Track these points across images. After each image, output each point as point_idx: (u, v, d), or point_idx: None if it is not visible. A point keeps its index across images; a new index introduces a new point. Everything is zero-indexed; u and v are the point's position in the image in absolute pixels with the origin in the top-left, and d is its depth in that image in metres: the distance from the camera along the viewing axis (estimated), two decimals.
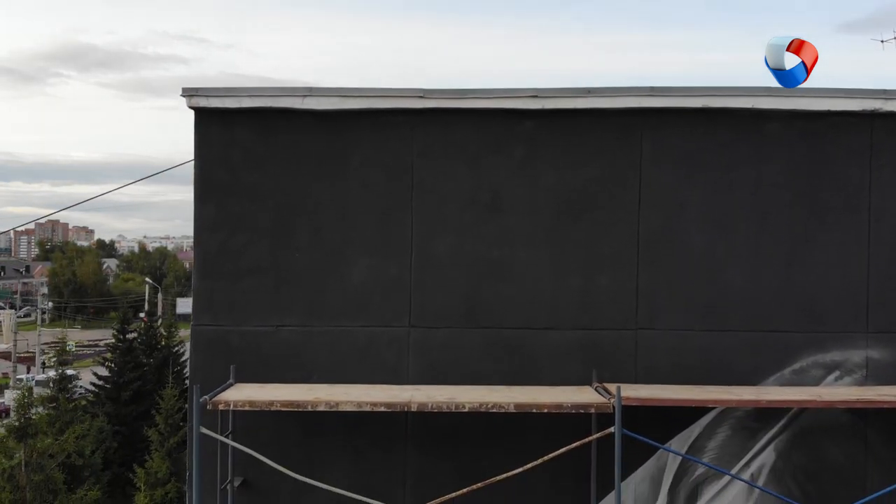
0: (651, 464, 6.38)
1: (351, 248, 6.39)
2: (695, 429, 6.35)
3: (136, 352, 37.69)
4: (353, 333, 6.40)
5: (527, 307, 6.39)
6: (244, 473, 6.39)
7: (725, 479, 6.34)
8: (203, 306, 6.38)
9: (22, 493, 19.25)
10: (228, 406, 5.52)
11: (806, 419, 6.34)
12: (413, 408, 5.55)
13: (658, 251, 6.36)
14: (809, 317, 6.34)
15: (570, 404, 5.54)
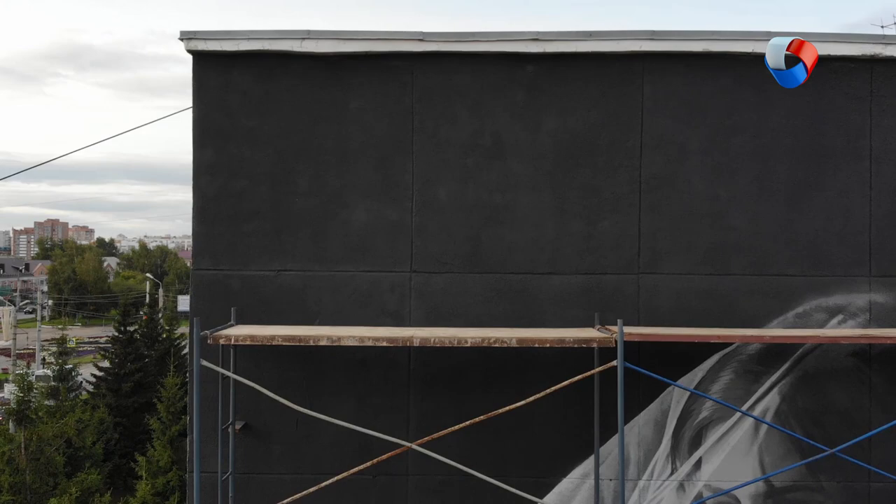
0: (654, 407, 6.36)
1: (351, 193, 6.36)
2: (698, 372, 6.33)
3: (138, 343, 37.67)
4: (354, 278, 6.38)
5: (529, 252, 6.36)
6: (246, 417, 6.37)
7: (729, 422, 6.32)
8: (203, 250, 6.36)
9: (22, 476, 19.22)
10: (230, 341, 5.50)
11: (810, 363, 6.32)
12: (415, 343, 5.53)
13: (660, 196, 6.34)
14: (812, 261, 6.32)
15: (573, 339, 5.52)
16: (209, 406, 6.20)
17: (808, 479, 6.30)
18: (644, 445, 6.35)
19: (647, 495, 6.36)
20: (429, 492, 6.39)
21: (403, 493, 6.39)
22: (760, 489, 6.31)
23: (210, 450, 6.23)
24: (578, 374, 6.26)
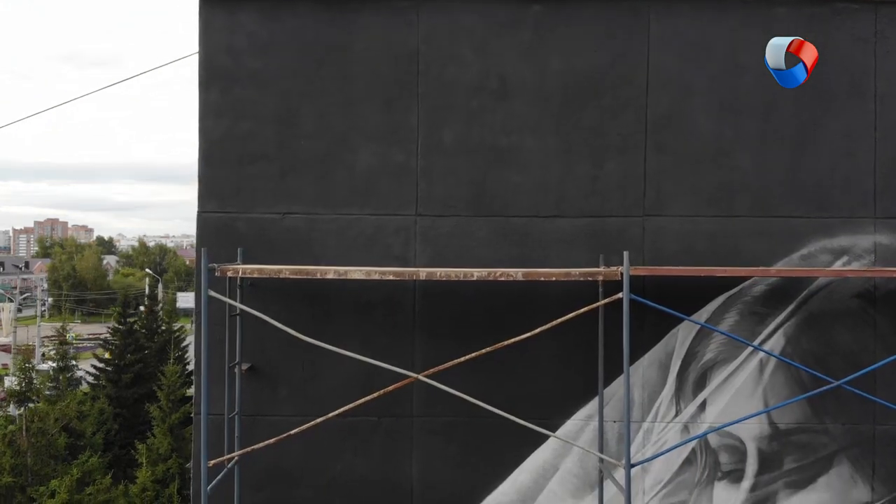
0: (658, 349, 6.36)
1: (356, 136, 6.36)
2: (702, 314, 6.33)
3: (137, 335, 37.63)
4: (359, 221, 6.38)
5: (534, 195, 6.36)
6: (252, 359, 6.37)
7: (734, 364, 6.32)
8: (208, 193, 6.36)
9: (23, 457, 19.20)
10: (237, 273, 5.50)
11: (815, 304, 6.32)
12: (422, 276, 5.54)
13: (666, 137, 6.34)
14: (817, 202, 6.32)
15: (579, 272, 5.53)
16: (216, 349, 6.20)
17: (812, 420, 6.31)
18: (648, 387, 6.35)
19: (651, 437, 6.36)
20: (433, 433, 6.39)
21: (408, 434, 6.40)
22: (765, 431, 6.32)
23: (217, 392, 6.23)
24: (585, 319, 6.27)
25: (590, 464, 6.35)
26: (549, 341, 6.36)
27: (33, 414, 19.46)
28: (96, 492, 19.55)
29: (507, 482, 6.36)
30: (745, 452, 6.30)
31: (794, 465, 6.29)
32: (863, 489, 6.29)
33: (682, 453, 6.35)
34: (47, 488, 18.60)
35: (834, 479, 6.29)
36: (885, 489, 6.29)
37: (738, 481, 6.30)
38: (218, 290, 6.15)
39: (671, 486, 6.32)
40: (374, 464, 6.38)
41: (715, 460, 6.31)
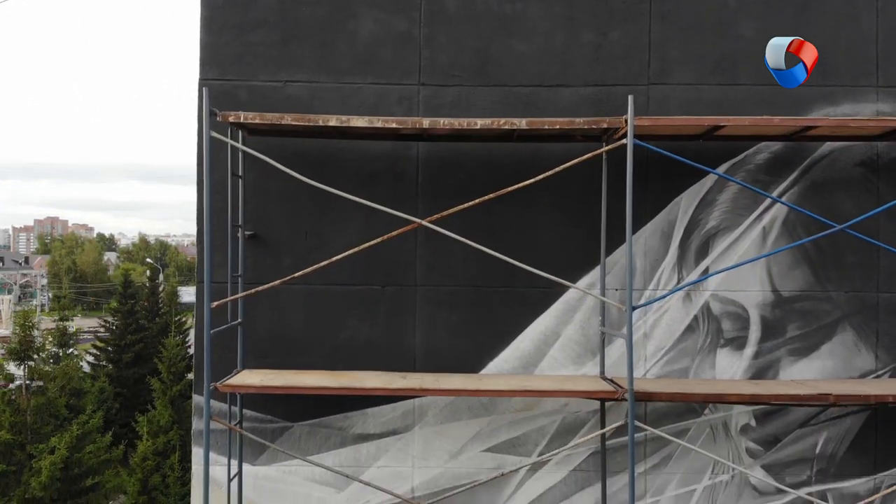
0: (661, 218, 6.35)
1: (359, 2, 6.35)
2: (706, 182, 6.33)
3: (138, 315, 37.63)
4: (361, 90, 6.37)
5: (538, 63, 6.35)
6: (255, 228, 6.37)
7: (737, 231, 6.32)
8: (210, 61, 6.34)
9: (22, 416, 19.19)
10: (239, 118, 5.49)
11: (817, 173, 6.32)
12: (425, 124, 5.52)
13: (670, 5, 6.33)
14: (820, 70, 6.26)
15: (583, 121, 5.51)
16: (217, 218, 6.19)
17: (815, 288, 6.29)
18: (650, 256, 6.34)
19: (653, 305, 6.34)
20: (436, 303, 6.38)
21: (412, 303, 6.38)
22: (768, 299, 6.31)
23: (219, 259, 6.23)
24: (587, 188, 6.28)
25: (591, 330, 6.34)
26: (551, 211, 6.39)
27: (33, 372, 19.44)
28: (96, 450, 19.55)
29: (509, 349, 6.35)
30: (748, 320, 6.29)
31: (796, 333, 6.28)
32: (866, 357, 6.28)
33: (685, 320, 6.33)
34: (47, 445, 18.59)
35: (837, 347, 6.28)
36: (889, 357, 6.28)
37: (740, 348, 6.28)
38: (220, 158, 6.16)
39: (673, 352, 6.31)
40: (378, 331, 6.37)
41: (717, 327, 6.30)
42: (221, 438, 6.33)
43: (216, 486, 6.25)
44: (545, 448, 6.37)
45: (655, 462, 6.35)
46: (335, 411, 6.39)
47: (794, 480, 6.31)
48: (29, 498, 18.35)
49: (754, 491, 6.32)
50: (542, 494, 6.36)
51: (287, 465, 6.40)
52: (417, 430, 6.40)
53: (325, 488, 6.37)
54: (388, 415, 6.41)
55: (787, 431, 6.31)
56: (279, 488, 6.39)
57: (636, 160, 5.47)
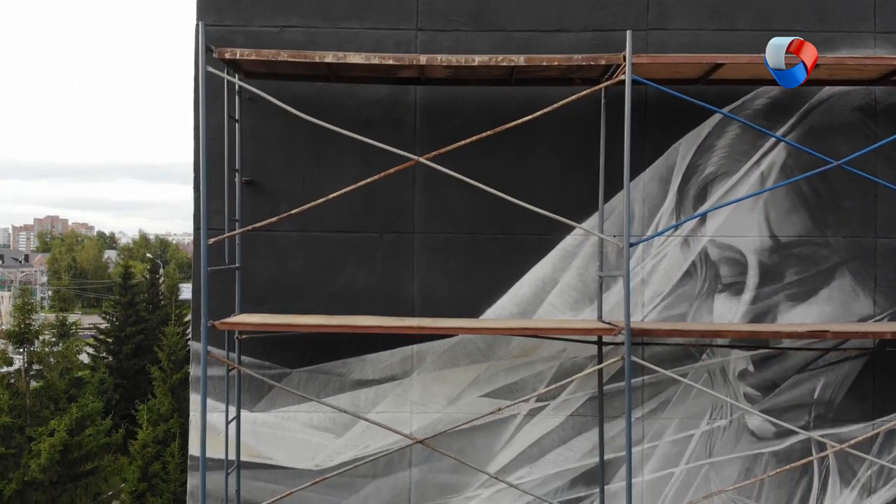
0: (660, 164, 6.34)
1: None
2: (704, 128, 6.32)
3: (139, 307, 37.64)
4: (358, 35, 6.36)
5: (536, 8, 6.34)
6: (252, 175, 6.37)
7: (735, 177, 6.31)
8: (207, 6, 6.33)
9: (22, 399, 19.18)
10: (235, 55, 5.49)
11: (815, 118, 6.32)
12: (422, 61, 5.52)
13: None
14: (818, 15, 6.30)
15: (581, 57, 5.51)
16: (214, 164, 6.17)
17: (813, 233, 6.29)
18: (649, 202, 6.34)
19: (651, 251, 6.35)
20: (434, 250, 6.38)
21: (409, 249, 6.38)
22: (766, 244, 6.31)
23: (216, 206, 6.22)
24: (585, 134, 6.29)
25: (589, 277, 6.34)
26: (549, 157, 6.39)
27: (33, 355, 19.45)
28: (96, 433, 19.55)
29: (507, 296, 6.35)
30: (746, 265, 6.29)
31: (794, 278, 6.28)
32: (864, 302, 6.28)
33: (682, 266, 6.33)
34: (46, 428, 18.58)
35: (835, 292, 6.28)
36: (887, 302, 6.28)
37: (738, 294, 6.28)
38: (216, 104, 6.15)
39: (671, 298, 6.31)
40: (376, 278, 6.37)
41: (715, 273, 6.30)
42: (219, 385, 6.33)
43: (214, 432, 6.26)
44: (542, 393, 6.37)
45: (653, 407, 6.35)
46: (333, 357, 6.39)
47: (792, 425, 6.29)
48: (28, 480, 18.35)
49: (752, 436, 6.32)
50: (539, 439, 6.37)
51: (286, 412, 6.40)
52: (416, 376, 6.40)
53: (324, 434, 6.37)
54: (386, 361, 6.41)
55: (785, 377, 6.31)
56: (277, 434, 6.39)
57: (634, 106, 5.46)
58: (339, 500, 6.38)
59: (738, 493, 6.33)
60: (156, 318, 37.63)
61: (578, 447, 6.36)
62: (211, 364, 6.17)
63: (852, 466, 6.33)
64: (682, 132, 6.32)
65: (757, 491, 6.34)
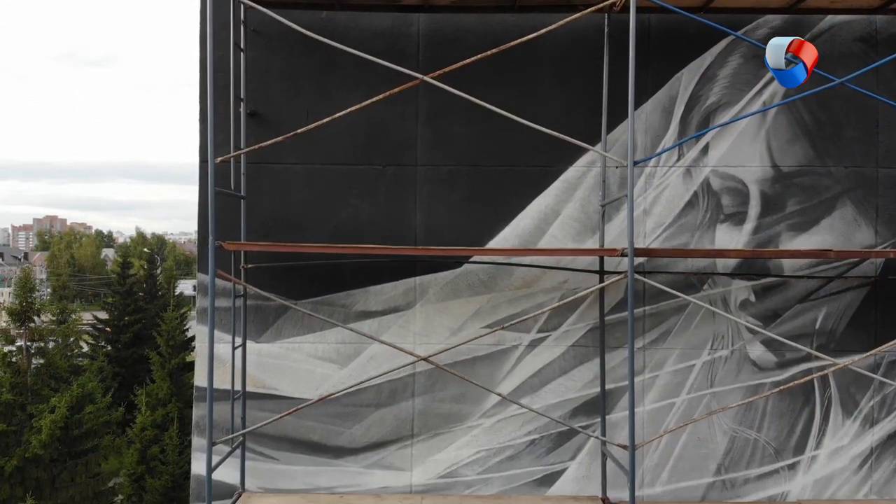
0: (662, 94, 6.37)
1: None
2: (706, 57, 6.35)
3: (137, 296, 37.64)
4: None
5: None
6: (256, 107, 6.39)
7: (736, 108, 6.34)
8: None
9: (23, 377, 19.20)
10: None
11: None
12: None
13: None
14: None
15: None
16: (219, 96, 6.18)
17: (815, 163, 6.32)
18: (651, 132, 6.36)
19: (654, 181, 6.38)
20: (437, 181, 6.41)
21: (412, 182, 6.41)
22: (768, 174, 6.33)
23: (222, 138, 6.23)
24: (588, 69, 6.30)
25: (591, 208, 6.37)
26: (551, 87, 6.41)
27: (34, 333, 19.46)
28: (96, 410, 19.58)
29: (509, 228, 6.37)
30: (748, 195, 6.32)
31: (796, 208, 6.31)
32: (866, 232, 6.31)
33: (685, 196, 6.36)
34: (47, 405, 18.60)
35: (837, 222, 6.31)
36: (889, 232, 6.31)
37: (740, 224, 6.31)
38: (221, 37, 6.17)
39: (673, 228, 6.34)
40: (379, 211, 6.40)
41: (717, 203, 6.33)
42: (225, 317, 6.37)
43: (219, 363, 6.28)
44: (544, 325, 6.40)
45: (654, 338, 6.38)
46: (337, 289, 6.42)
47: (793, 356, 6.34)
48: (29, 457, 18.36)
49: (754, 366, 6.35)
50: (541, 369, 6.39)
51: (290, 343, 6.43)
52: (418, 308, 6.43)
53: (328, 364, 6.39)
54: (389, 293, 6.43)
55: (787, 307, 6.34)
56: (282, 365, 6.41)
57: (636, 35, 5.43)
58: (343, 430, 6.41)
59: (738, 423, 6.36)
60: (154, 308, 37.62)
61: (579, 377, 6.39)
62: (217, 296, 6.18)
63: (854, 397, 6.36)
64: (685, 62, 6.35)
65: (758, 422, 6.36)
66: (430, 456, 6.38)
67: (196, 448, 6.36)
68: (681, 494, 6.32)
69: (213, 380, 5.43)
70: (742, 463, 6.34)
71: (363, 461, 6.40)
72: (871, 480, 6.33)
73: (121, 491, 22.49)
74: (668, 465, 6.35)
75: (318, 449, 6.40)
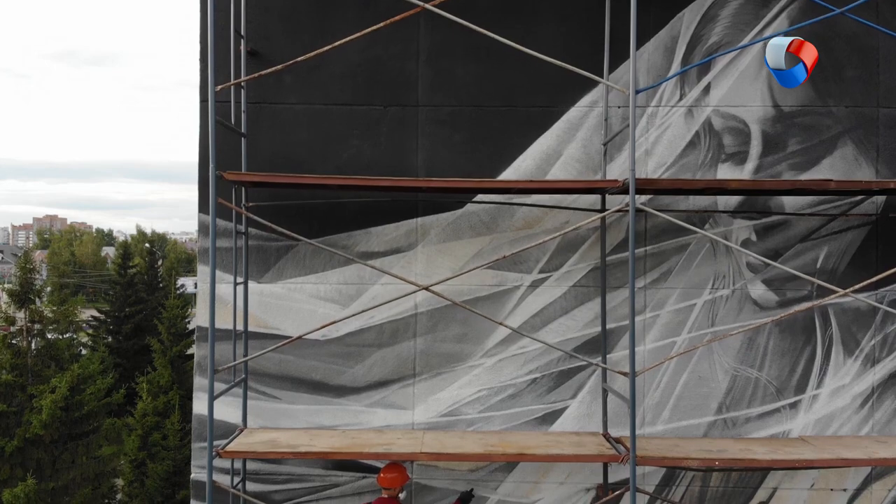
0: (664, 34, 6.37)
1: None
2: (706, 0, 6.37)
3: (137, 287, 37.65)
4: None
5: None
6: (256, 46, 6.39)
7: (738, 47, 6.34)
8: None
9: (23, 358, 19.17)
10: None
11: None
12: None
13: None
14: None
15: None
16: (220, 35, 6.18)
17: (816, 102, 6.33)
18: (654, 71, 6.37)
19: (656, 121, 6.38)
20: (438, 122, 6.41)
21: (414, 122, 6.42)
22: (769, 114, 6.34)
23: (222, 78, 6.23)
24: (589, 7, 6.31)
25: (593, 149, 6.38)
26: (553, 28, 6.42)
27: (34, 313, 19.43)
28: (97, 391, 19.55)
29: (511, 168, 6.38)
30: (749, 134, 6.33)
31: (797, 147, 6.31)
32: (867, 171, 6.32)
33: (686, 136, 6.37)
34: (48, 386, 18.57)
35: (837, 161, 6.31)
36: (890, 171, 6.31)
37: (741, 163, 6.32)
38: None
39: (675, 168, 6.34)
40: (381, 151, 6.40)
41: (719, 142, 6.33)
42: (227, 257, 6.37)
43: (221, 303, 6.29)
44: (545, 265, 6.41)
45: (655, 277, 6.38)
46: (339, 230, 6.42)
47: (794, 295, 6.35)
48: (30, 437, 18.32)
49: (755, 305, 6.35)
50: (542, 309, 6.40)
51: (293, 283, 6.44)
52: (420, 249, 6.44)
53: (330, 305, 6.40)
54: (391, 233, 6.44)
55: (788, 246, 6.35)
56: (284, 305, 6.42)
57: None
58: (345, 369, 6.41)
59: (740, 363, 6.37)
60: (155, 299, 37.64)
61: (580, 317, 6.39)
62: (218, 237, 6.20)
63: (855, 336, 6.36)
64: (686, 1, 6.36)
65: (759, 361, 6.37)
66: (431, 395, 6.39)
67: (198, 388, 6.36)
68: (682, 433, 6.33)
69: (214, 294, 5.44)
70: (743, 402, 6.35)
71: (365, 400, 6.40)
72: (873, 420, 6.34)
73: (121, 476, 22.48)
74: (669, 403, 6.36)
75: (321, 388, 6.40)
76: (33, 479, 17.88)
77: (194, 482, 6.40)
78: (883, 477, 6.38)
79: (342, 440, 5.84)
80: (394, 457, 5.54)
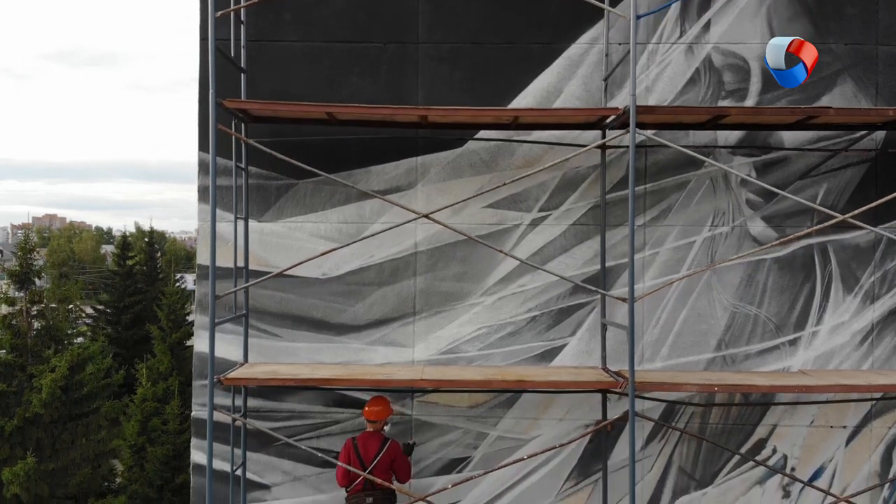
0: None
1: None
2: None
3: (137, 278, 37.63)
4: None
5: None
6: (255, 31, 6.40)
7: None
8: None
9: (23, 339, 19.15)
10: None
11: None
12: None
13: None
14: None
15: None
16: None
17: (815, 40, 6.32)
18: (655, 5, 6.36)
19: (656, 58, 6.39)
20: (438, 59, 6.42)
21: (414, 60, 6.42)
22: None
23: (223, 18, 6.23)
24: None
25: (593, 86, 6.39)
26: None
27: (34, 294, 19.42)
28: (97, 371, 19.54)
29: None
30: (749, 72, 6.34)
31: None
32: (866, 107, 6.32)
33: (686, 73, 6.38)
34: (47, 366, 18.56)
35: (837, 99, 6.32)
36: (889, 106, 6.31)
37: (741, 100, 6.33)
38: None
39: (677, 102, 6.34)
40: (380, 89, 6.41)
41: (719, 79, 6.34)
42: (227, 195, 6.38)
43: (222, 241, 6.29)
44: (545, 203, 6.42)
45: (654, 215, 6.39)
46: (338, 168, 6.42)
47: (794, 232, 6.35)
48: (29, 417, 18.31)
49: (755, 242, 6.36)
50: (542, 247, 6.41)
51: (293, 222, 6.44)
52: (420, 188, 6.44)
53: (331, 244, 6.39)
54: (391, 172, 6.45)
55: (788, 183, 6.35)
56: (285, 244, 6.43)
57: None
58: (346, 308, 6.42)
59: (739, 299, 6.37)
60: (154, 290, 37.59)
61: (580, 255, 6.40)
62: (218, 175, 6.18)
63: (855, 273, 6.37)
64: None
65: (759, 298, 6.38)
66: (431, 333, 6.40)
67: (199, 325, 6.37)
68: (681, 369, 6.33)
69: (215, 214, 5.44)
70: (742, 339, 6.36)
71: (366, 338, 6.41)
72: (873, 356, 6.35)
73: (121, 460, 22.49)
74: (668, 340, 6.37)
75: (322, 326, 6.41)
76: (33, 457, 17.88)
77: (195, 420, 6.40)
78: (883, 414, 6.38)
79: (343, 371, 5.85)
80: (394, 384, 5.55)
